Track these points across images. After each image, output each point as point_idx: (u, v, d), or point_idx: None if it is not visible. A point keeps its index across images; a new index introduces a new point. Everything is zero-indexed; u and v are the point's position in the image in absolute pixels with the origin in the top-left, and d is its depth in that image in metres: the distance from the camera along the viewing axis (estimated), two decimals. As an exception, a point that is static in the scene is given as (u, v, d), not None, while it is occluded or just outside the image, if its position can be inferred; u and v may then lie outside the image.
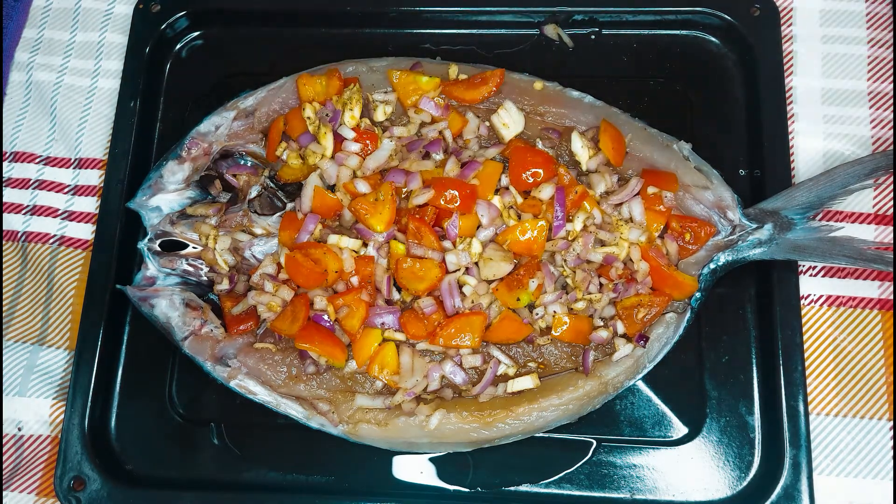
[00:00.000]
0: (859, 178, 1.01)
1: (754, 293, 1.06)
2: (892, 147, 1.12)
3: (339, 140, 1.04)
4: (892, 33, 1.16)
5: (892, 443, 1.01)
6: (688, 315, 1.01)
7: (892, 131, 1.12)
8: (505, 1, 1.18)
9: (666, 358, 1.01)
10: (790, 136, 1.12)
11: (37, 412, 1.09)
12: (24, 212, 1.18)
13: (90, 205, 1.18)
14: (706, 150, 1.08)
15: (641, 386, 1.04)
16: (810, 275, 1.08)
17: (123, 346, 1.09)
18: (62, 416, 1.07)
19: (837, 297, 1.07)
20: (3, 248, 1.17)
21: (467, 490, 1.01)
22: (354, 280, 0.99)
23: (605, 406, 1.01)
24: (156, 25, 1.20)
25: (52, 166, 1.20)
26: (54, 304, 1.13)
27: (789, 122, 1.12)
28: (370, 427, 0.98)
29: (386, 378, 0.98)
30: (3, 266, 1.16)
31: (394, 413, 0.98)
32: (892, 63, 1.15)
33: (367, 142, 1.04)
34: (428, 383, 0.98)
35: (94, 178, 1.19)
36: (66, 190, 1.19)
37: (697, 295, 1.00)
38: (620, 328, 0.99)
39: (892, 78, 1.15)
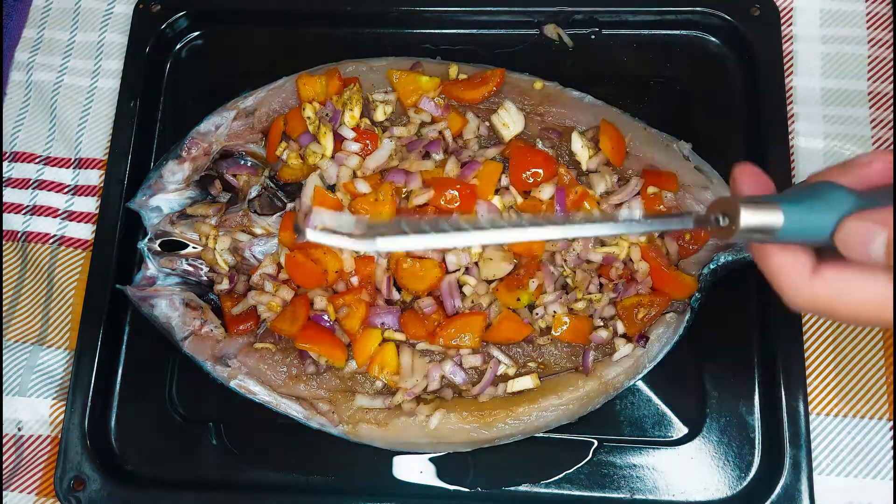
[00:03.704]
0: (859, 178, 1.01)
1: (754, 293, 1.06)
2: (892, 147, 1.12)
3: (339, 140, 1.04)
4: (892, 33, 1.16)
5: (892, 443, 1.01)
6: (688, 315, 1.01)
7: (892, 131, 1.12)
8: (505, 1, 1.18)
9: (666, 358, 1.01)
10: (790, 136, 1.11)
11: (37, 412, 1.09)
12: (24, 212, 1.18)
13: (90, 205, 1.18)
14: (706, 149, 1.08)
15: (641, 386, 1.03)
16: (810, 275, 1.07)
17: (123, 346, 1.09)
18: (62, 416, 1.07)
19: (837, 297, 1.07)
20: (3, 248, 1.17)
21: (467, 490, 1.01)
22: (354, 280, 0.99)
23: (605, 406, 1.01)
24: (156, 25, 1.20)
25: (52, 166, 1.20)
26: (54, 304, 1.13)
27: (789, 122, 1.12)
28: (370, 427, 0.98)
29: (386, 378, 0.98)
30: (3, 266, 1.16)
31: (394, 413, 0.98)
32: (892, 63, 1.15)
33: (367, 142, 1.04)
34: (428, 383, 0.98)
35: (94, 178, 1.19)
36: (66, 190, 1.19)
37: (697, 295, 1.00)
38: (620, 328, 0.99)
39: (892, 78, 1.15)
